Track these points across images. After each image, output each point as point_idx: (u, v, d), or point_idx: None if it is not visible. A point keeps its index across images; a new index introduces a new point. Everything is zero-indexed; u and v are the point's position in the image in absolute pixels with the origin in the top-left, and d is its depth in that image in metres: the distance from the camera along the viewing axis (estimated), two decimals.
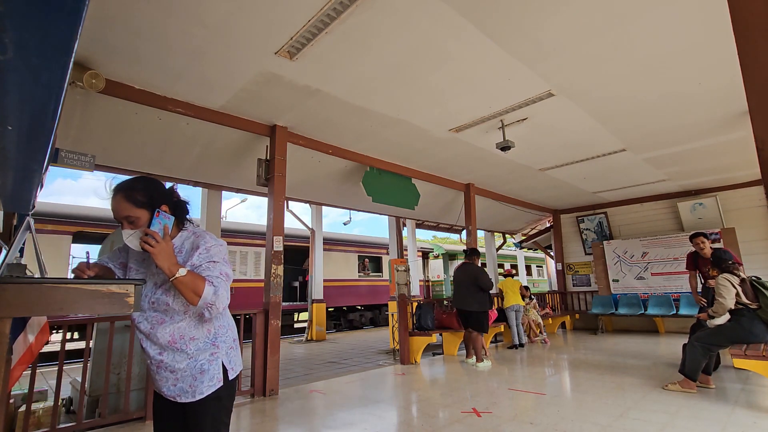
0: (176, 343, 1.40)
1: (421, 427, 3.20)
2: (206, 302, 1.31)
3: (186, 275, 1.30)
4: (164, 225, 1.37)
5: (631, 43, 3.42)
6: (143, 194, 1.39)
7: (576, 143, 5.80)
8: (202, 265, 1.38)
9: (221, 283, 1.35)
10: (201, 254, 1.40)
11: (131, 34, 3.12)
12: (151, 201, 1.39)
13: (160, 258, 1.29)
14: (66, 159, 3.81)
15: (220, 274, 1.37)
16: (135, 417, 3.50)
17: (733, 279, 3.83)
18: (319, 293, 10.56)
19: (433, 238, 31.03)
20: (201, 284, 1.31)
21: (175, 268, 1.30)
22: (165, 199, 1.44)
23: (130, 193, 1.37)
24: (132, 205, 1.36)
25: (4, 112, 1.06)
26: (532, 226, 12.23)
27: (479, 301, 5.56)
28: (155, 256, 1.29)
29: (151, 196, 1.40)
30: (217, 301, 1.33)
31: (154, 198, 1.40)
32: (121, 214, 1.36)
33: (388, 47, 3.39)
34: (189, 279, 1.30)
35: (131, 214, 1.35)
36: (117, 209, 1.36)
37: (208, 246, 1.42)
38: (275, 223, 4.72)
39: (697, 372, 3.83)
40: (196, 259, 1.39)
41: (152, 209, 1.38)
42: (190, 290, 1.30)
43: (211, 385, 1.43)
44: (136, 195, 1.37)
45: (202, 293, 1.30)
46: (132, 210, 1.36)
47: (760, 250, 7.69)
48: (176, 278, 1.29)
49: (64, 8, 0.73)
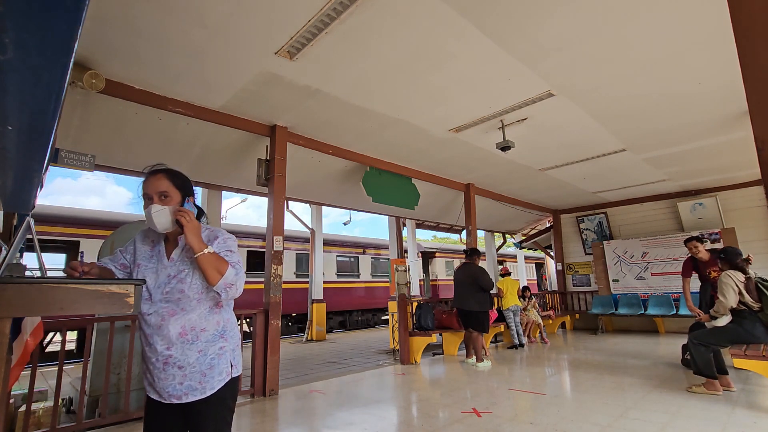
0: (187, 335, 1.41)
1: (421, 427, 3.20)
2: (227, 282, 1.38)
3: (212, 253, 1.39)
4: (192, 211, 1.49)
5: (631, 42, 3.42)
6: (182, 180, 1.52)
7: (576, 143, 5.80)
8: (222, 252, 1.45)
9: (240, 269, 1.44)
10: (220, 243, 1.48)
11: (131, 34, 3.12)
12: (186, 187, 1.52)
13: (192, 233, 1.38)
14: (66, 159, 3.81)
15: (238, 262, 1.46)
16: (135, 417, 3.50)
17: (736, 277, 3.75)
18: (319, 293, 10.56)
19: (433, 238, 31.03)
20: (224, 264, 1.39)
21: (203, 245, 1.38)
22: (192, 194, 1.57)
23: (173, 173, 1.50)
24: (171, 184, 1.46)
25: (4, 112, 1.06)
26: (532, 226, 12.23)
27: (480, 301, 5.56)
28: (188, 230, 1.38)
29: (187, 184, 1.54)
30: (238, 282, 1.41)
31: (188, 187, 1.54)
32: (158, 189, 1.43)
33: (388, 47, 3.39)
34: (214, 257, 1.38)
35: (168, 190, 1.45)
36: (156, 184, 1.44)
37: (225, 237, 1.51)
38: (275, 223, 4.71)
39: (711, 368, 3.76)
40: (215, 247, 1.46)
41: (184, 195, 1.50)
42: (213, 268, 1.36)
43: (221, 379, 1.44)
44: (177, 177, 1.50)
45: (225, 272, 1.37)
46: (170, 188, 1.45)
47: (760, 250, 7.68)
48: (204, 254, 1.36)
49: (64, 8, 0.73)
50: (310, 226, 10.92)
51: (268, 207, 4.87)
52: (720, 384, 3.77)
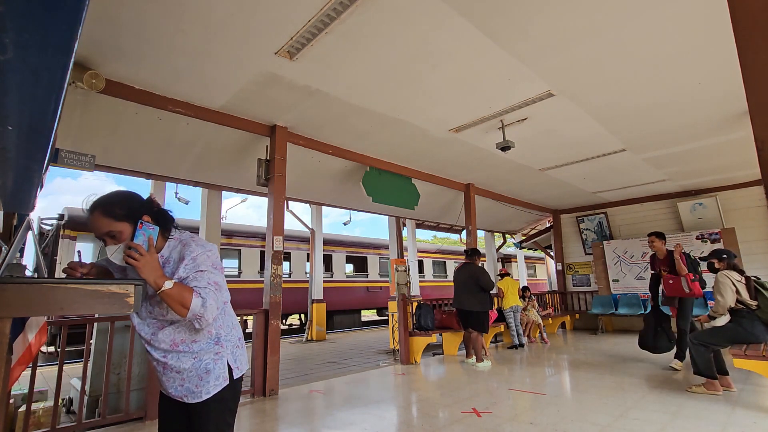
0: (178, 346, 1.40)
1: (421, 427, 3.20)
2: (195, 314, 1.29)
3: (173, 288, 1.27)
4: (149, 236, 1.33)
5: (631, 43, 3.42)
6: (122, 207, 1.34)
7: (576, 143, 5.80)
8: (189, 276, 1.35)
9: (209, 294, 1.32)
10: (187, 265, 1.37)
11: (131, 34, 3.12)
12: (131, 212, 1.34)
13: (144, 271, 1.26)
14: (66, 159, 3.81)
15: (208, 284, 1.34)
16: (135, 417, 3.50)
17: (733, 276, 3.76)
18: (319, 293, 10.56)
19: (434, 238, 31.03)
20: (188, 296, 1.28)
21: (161, 281, 1.26)
22: (145, 209, 1.39)
23: (107, 208, 1.32)
24: (112, 220, 1.31)
25: (4, 112, 1.06)
26: (532, 226, 12.23)
27: (480, 301, 5.56)
28: (140, 270, 1.26)
29: (130, 207, 1.35)
30: (206, 313, 1.30)
31: (134, 209, 1.35)
32: (101, 231, 1.31)
33: (388, 47, 3.38)
34: (176, 291, 1.27)
35: (112, 228, 1.31)
36: (96, 226, 1.32)
37: (194, 255, 1.38)
38: (275, 223, 4.72)
39: (711, 368, 3.77)
40: (182, 271, 1.36)
41: (134, 221, 1.33)
42: (177, 303, 1.27)
43: (218, 384, 1.43)
44: (114, 209, 1.32)
45: (190, 305, 1.27)
46: (112, 224, 1.31)
47: (760, 250, 7.68)
48: (163, 291, 1.26)
49: (64, 8, 0.73)
50: (310, 226, 10.92)
51: (268, 207, 4.87)
52: (720, 384, 3.78)
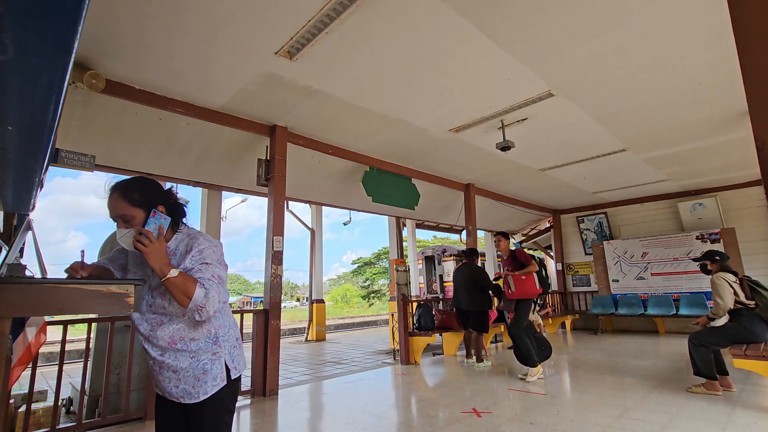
0: (176, 344, 1.39)
1: (421, 427, 3.20)
2: (196, 304, 1.30)
3: (177, 276, 1.29)
4: (159, 225, 1.36)
5: (631, 43, 3.42)
6: (140, 193, 1.38)
7: (576, 143, 5.80)
8: (194, 267, 1.37)
9: (212, 286, 1.34)
10: (194, 257, 1.39)
11: (132, 34, 3.12)
12: (147, 200, 1.38)
13: (152, 258, 1.29)
14: (66, 159, 3.80)
15: (212, 277, 1.36)
16: (135, 417, 3.50)
17: (728, 277, 3.80)
18: (320, 293, 10.56)
19: (434, 238, 31.03)
20: (192, 286, 1.30)
21: (167, 269, 1.29)
22: (162, 200, 1.43)
23: (126, 192, 1.37)
24: (128, 204, 1.35)
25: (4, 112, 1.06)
26: (532, 226, 12.23)
27: (480, 301, 5.57)
28: (147, 256, 1.29)
29: (147, 195, 1.39)
30: (208, 304, 1.32)
31: (151, 198, 1.40)
32: (116, 213, 1.35)
33: (388, 47, 3.39)
34: (180, 280, 1.29)
35: (126, 212, 1.35)
36: (113, 207, 1.36)
37: (201, 248, 1.41)
38: (275, 223, 4.72)
39: (711, 369, 3.77)
40: (188, 262, 1.38)
41: (148, 209, 1.37)
42: (180, 292, 1.29)
43: (215, 384, 1.42)
44: (132, 194, 1.37)
45: (193, 295, 1.29)
46: (127, 209, 1.35)
47: (760, 250, 7.69)
48: (167, 279, 1.28)
49: (64, 8, 0.73)
50: (310, 226, 10.91)
51: (268, 207, 4.87)
52: (720, 384, 3.78)
